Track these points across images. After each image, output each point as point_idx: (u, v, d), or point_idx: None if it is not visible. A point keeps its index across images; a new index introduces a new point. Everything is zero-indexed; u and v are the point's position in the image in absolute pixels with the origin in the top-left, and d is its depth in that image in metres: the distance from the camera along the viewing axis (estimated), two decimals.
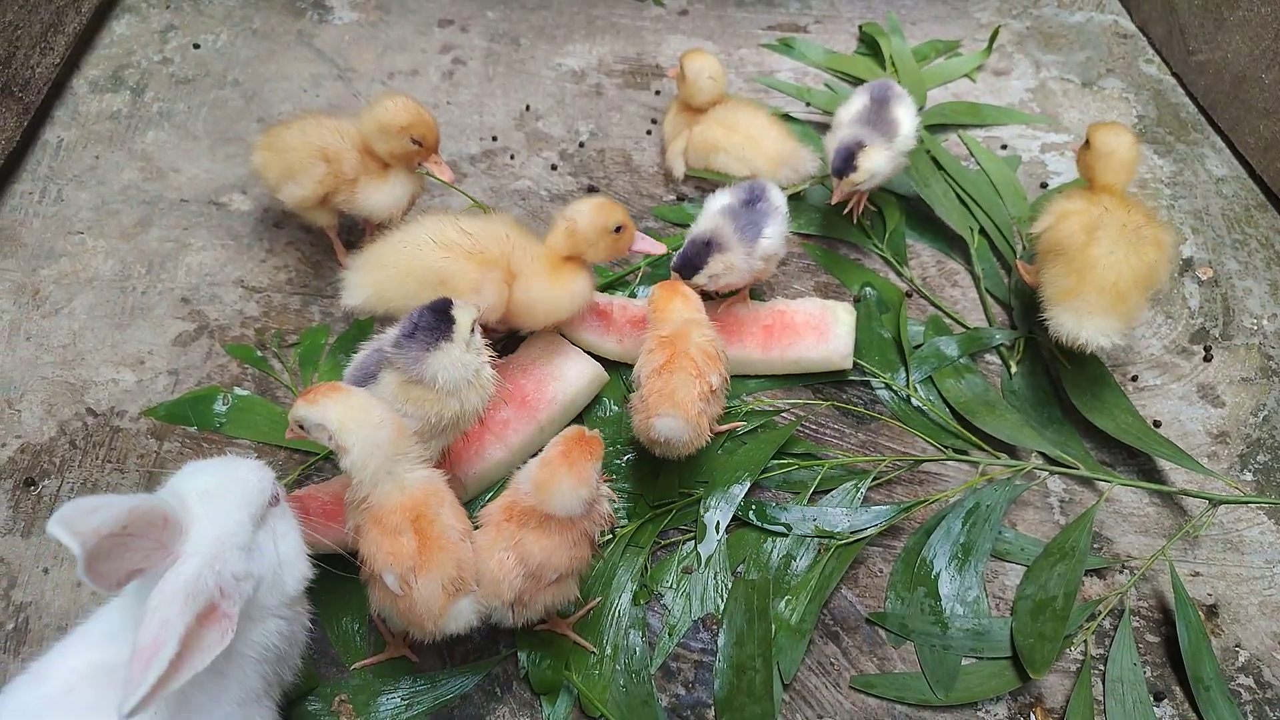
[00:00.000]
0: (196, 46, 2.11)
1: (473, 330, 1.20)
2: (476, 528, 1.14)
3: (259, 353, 1.55)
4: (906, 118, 1.68)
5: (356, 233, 1.74)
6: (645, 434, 1.29)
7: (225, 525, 0.91)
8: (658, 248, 1.48)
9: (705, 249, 1.47)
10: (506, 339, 1.55)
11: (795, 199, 1.84)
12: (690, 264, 1.47)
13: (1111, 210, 1.48)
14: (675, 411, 1.26)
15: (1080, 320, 1.44)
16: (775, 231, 1.50)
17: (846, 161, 1.61)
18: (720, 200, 1.54)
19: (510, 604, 1.11)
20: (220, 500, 0.93)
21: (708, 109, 1.84)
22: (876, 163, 1.61)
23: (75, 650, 0.89)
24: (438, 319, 1.19)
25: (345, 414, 1.07)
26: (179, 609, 0.81)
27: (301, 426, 1.10)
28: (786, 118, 2.02)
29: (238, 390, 1.49)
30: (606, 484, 1.20)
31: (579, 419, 1.49)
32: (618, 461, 1.45)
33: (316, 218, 1.62)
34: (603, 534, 1.21)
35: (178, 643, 0.78)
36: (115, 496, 0.83)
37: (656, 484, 1.41)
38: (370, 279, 1.38)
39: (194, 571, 0.85)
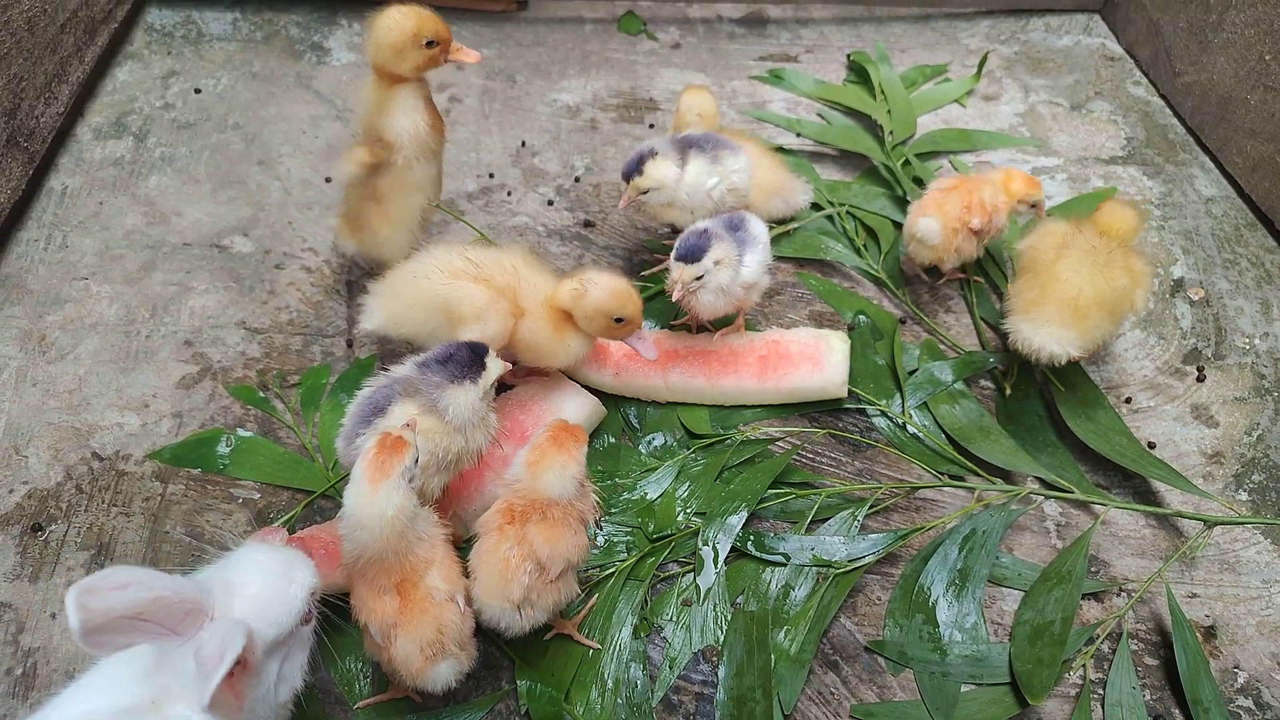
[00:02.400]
0: (198, 91, 2.15)
1: (493, 385, 1.23)
2: (473, 538, 1.17)
3: (261, 394, 1.57)
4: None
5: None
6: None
7: (256, 629, 0.93)
8: (650, 353, 1.44)
9: (704, 235, 1.45)
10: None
11: (784, 226, 1.86)
12: (694, 251, 1.44)
13: (1088, 236, 1.53)
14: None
15: (1036, 328, 1.49)
16: (754, 260, 1.52)
17: (636, 165, 1.58)
18: (700, 226, 1.57)
19: (519, 605, 1.12)
20: (258, 611, 0.95)
21: None
22: (663, 172, 1.57)
23: (79, 699, 0.91)
24: (472, 360, 1.22)
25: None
26: (238, 631, 0.86)
27: None
28: (779, 149, 2.05)
29: (240, 431, 1.51)
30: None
31: None
32: (627, 496, 1.46)
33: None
34: (592, 527, 1.23)
35: (236, 651, 0.83)
36: (151, 577, 0.84)
37: (655, 516, 1.42)
38: (385, 306, 1.42)
39: (219, 648, 0.87)
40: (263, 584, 0.97)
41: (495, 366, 1.24)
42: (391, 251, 1.59)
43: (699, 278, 1.46)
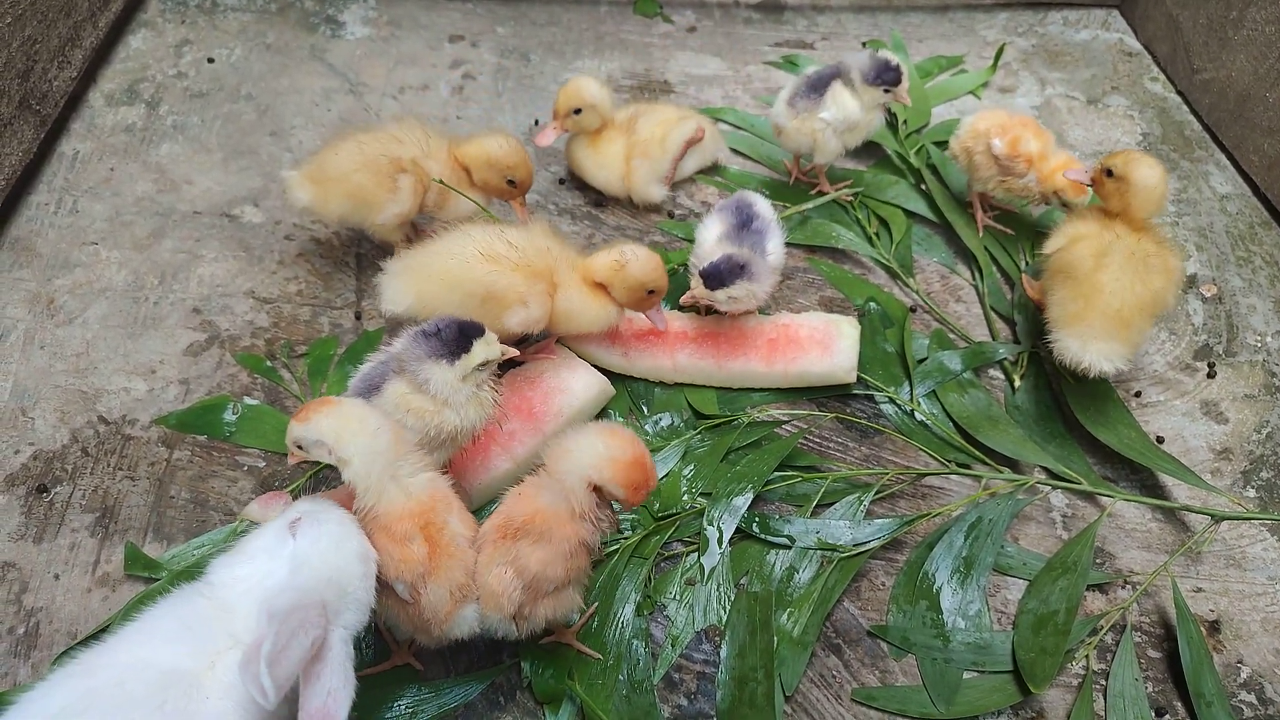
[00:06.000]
0: (211, 61, 2.14)
1: (482, 367, 1.21)
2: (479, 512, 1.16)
3: (268, 363, 1.56)
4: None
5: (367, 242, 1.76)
6: None
7: (358, 618, 0.99)
8: (663, 324, 1.52)
9: (738, 270, 1.48)
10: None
11: (799, 207, 1.86)
12: (718, 277, 1.48)
13: (1122, 237, 1.49)
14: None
15: (1085, 345, 1.45)
16: (776, 246, 1.54)
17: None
18: (713, 229, 1.58)
19: (513, 618, 1.12)
20: (358, 600, 0.99)
21: (603, 131, 1.85)
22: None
23: (127, 646, 0.92)
24: (460, 339, 1.20)
25: (340, 425, 1.08)
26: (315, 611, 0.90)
27: (300, 447, 1.11)
28: None
29: (247, 400, 1.51)
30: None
31: None
32: None
33: (393, 234, 1.65)
34: (606, 540, 1.21)
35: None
36: (295, 622, 0.88)
37: (660, 495, 1.42)
38: (415, 288, 1.40)
39: (342, 649, 0.93)
40: (360, 574, 1.00)
41: (483, 350, 1.21)
42: (386, 231, 1.64)
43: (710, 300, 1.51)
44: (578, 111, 1.78)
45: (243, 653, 0.88)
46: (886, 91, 1.70)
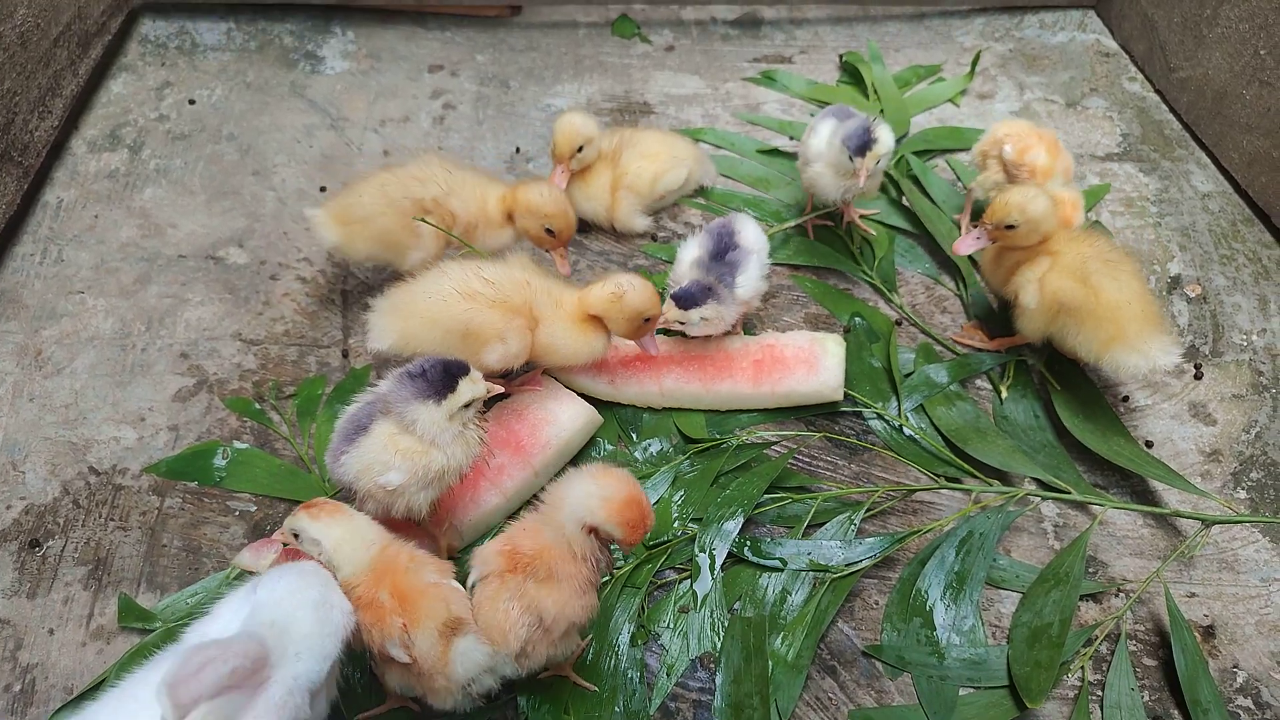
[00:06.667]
0: (192, 102, 2.15)
1: (468, 405, 1.22)
2: (469, 547, 1.16)
3: (257, 405, 1.57)
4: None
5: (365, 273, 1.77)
6: None
7: (313, 668, 0.97)
8: (654, 351, 1.52)
9: (706, 292, 1.51)
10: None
11: (782, 225, 1.86)
12: (691, 299, 1.51)
13: (1066, 256, 1.51)
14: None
15: (1145, 354, 1.45)
16: (746, 280, 1.57)
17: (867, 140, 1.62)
18: (691, 251, 1.60)
19: (516, 656, 1.12)
20: (312, 648, 0.98)
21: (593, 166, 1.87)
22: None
23: (107, 713, 0.94)
24: (445, 379, 1.21)
25: (347, 537, 1.11)
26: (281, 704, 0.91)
27: (295, 535, 1.13)
28: (774, 152, 2.05)
29: (237, 444, 1.51)
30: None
31: (574, 462, 1.50)
32: None
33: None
34: (602, 575, 1.22)
35: None
36: (218, 649, 0.88)
37: None
38: (398, 326, 1.41)
39: (289, 678, 0.93)
40: (311, 621, 0.99)
41: (469, 389, 1.22)
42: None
43: (682, 322, 1.54)
44: (580, 149, 1.79)
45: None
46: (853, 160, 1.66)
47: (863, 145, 1.61)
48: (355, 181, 1.64)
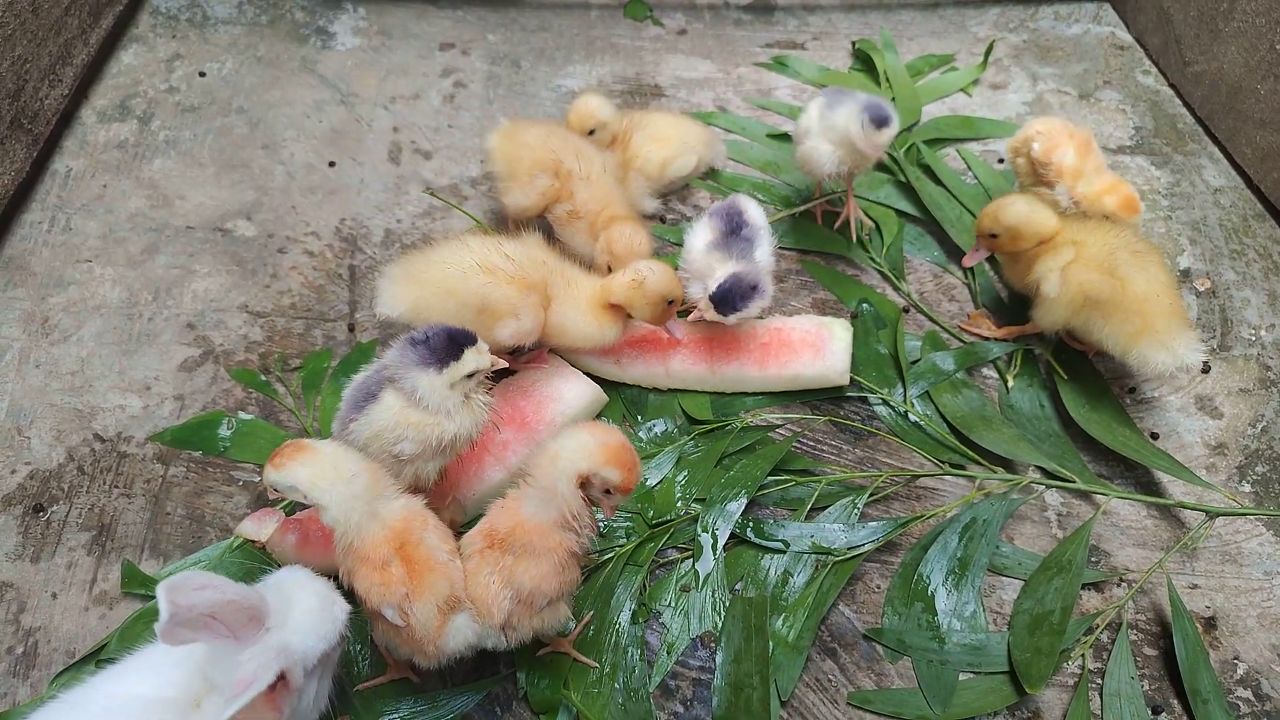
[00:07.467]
0: (202, 75, 2.15)
1: (471, 375, 1.21)
2: (472, 523, 1.17)
3: (263, 377, 1.57)
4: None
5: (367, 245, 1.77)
6: None
7: (307, 642, 0.97)
8: (680, 334, 1.51)
9: (751, 291, 1.48)
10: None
11: (790, 210, 1.86)
12: (730, 302, 1.47)
13: (1102, 239, 1.51)
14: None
15: (1172, 350, 1.45)
16: (765, 253, 1.55)
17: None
18: (702, 236, 1.57)
19: (501, 627, 1.12)
20: (311, 624, 0.98)
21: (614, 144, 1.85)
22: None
23: (114, 680, 0.95)
24: (449, 347, 1.20)
25: (315, 473, 1.09)
26: (271, 659, 0.90)
27: (276, 489, 1.13)
28: (785, 137, 2.04)
29: (242, 415, 1.51)
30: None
31: None
32: None
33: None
34: (595, 548, 1.21)
35: (266, 683, 0.88)
36: (223, 582, 0.89)
37: (655, 502, 1.42)
38: (410, 294, 1.41)
39: (282, 643, 0.93)
40: (315, 602, 1.00)
41: (474, 359, 1.21)
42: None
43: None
44: (592, 132, 1.78)
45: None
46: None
47: (883, 119, 1.60)
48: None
